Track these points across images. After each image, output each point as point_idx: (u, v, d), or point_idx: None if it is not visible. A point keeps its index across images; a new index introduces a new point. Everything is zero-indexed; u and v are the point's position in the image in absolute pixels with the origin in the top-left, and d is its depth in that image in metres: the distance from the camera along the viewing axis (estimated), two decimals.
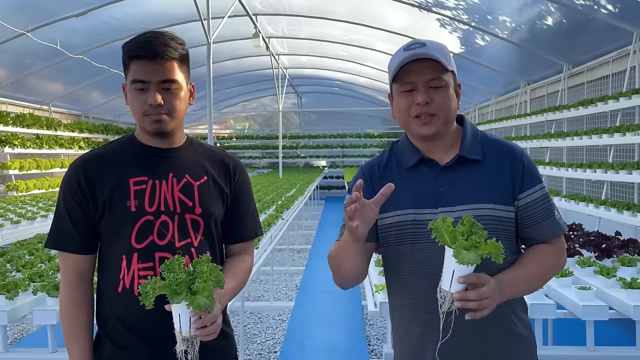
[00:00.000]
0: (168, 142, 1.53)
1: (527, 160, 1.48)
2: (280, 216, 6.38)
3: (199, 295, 1.25)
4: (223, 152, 1.66)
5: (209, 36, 7.58)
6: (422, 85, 1.41)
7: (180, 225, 1.48)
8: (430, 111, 1.42)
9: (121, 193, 1.45)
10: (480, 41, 9.90)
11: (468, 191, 1.44)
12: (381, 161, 1.58)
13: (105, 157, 1.51)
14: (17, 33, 7.97)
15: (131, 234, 1.44)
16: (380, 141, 20.52)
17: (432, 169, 1.49)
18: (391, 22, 10.69)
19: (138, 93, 1.43)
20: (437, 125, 1.44)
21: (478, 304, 1.28)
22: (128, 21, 9.31)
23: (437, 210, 1.44)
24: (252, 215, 1.66)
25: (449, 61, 1.43)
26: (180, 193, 1.49)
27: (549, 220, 1.46)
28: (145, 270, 1.43)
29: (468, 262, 1.24)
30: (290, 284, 6.61)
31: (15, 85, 10.27)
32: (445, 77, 1.42)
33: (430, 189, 1.47)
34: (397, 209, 1.49)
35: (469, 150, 1.47)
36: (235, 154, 21.46)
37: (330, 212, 14.07)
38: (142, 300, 1.22)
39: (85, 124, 13.08)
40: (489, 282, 1.31)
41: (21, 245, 4.55)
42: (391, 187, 1.33)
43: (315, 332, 4.74)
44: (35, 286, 2.94)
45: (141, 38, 1.43)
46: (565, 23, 7.59)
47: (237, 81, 17.15)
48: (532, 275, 1.45)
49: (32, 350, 2.87)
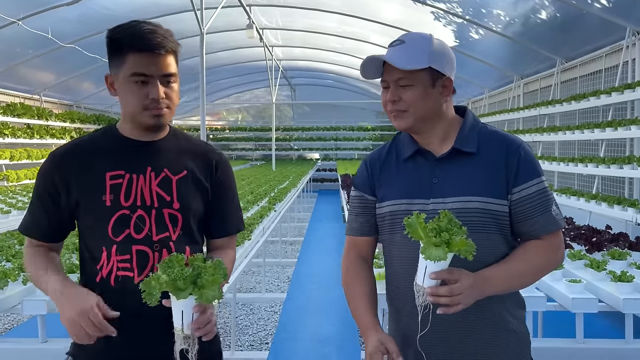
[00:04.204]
0: (153, 135, 1.51)
1: (524, 153, 1.45)
2: (272, 208, 6.38)
3: (207, 289, 1.23)
4: (207, 146, 1.64)
5: (202, 27, 7.52)
6: (392, 83, 1.45)
7: (157, 219, 1.46)
8: (399, 108, 1.45)
9: (97, 187, 1.44)
10: (474, 35, 9.90)
11: (460, 183, 1.44)
12: (382, 151, 1.61)
13: (83, 150, 1.49)
14: (8, 21, 7.87)
15: (107, 227, 1.43)
16: (373, 134, 20.52)
17: (427, 160, 1.50)
18: (385, 15, 10.66)
19: (137, 86, 1.40)
20: (408, 122, 1.46)
21: (449, 300, 1.29)
22: (119, 10, 9.22)
23: (429, 201, 1.45)
24: (234, 210, 1.65)
25: (424, 58, 1.41)
26: (158, 187, 1.48)
27: (545, 216, 1.44)
28: (123, 263, 1.43)
29: (435, 258, 1.25)
30: (282, 276, 6.61)
31: (6, 75, 10.15)
32: (413, 76, 1.42)
33: (424, 180, 1.48)
34: (391, 199, 1.51)
35: (464, 142, 1.47)
36: (228, 145, 21.56)
37: (323, 205, 14.08)
38: (146, 298, 1.20)
39: (76, 114, 12.97)
40: (463, 278, 1.31)
41: (11, 235, 4.53)
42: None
43: (307, 323, 4.76)
44: (25, 276, 2.92)
45: (138, 29, 1.39)
46: (559, 17, 7.60)
47: (230, 72, 17.07)
48: (517, 271, 1.43)
49: (22, 341, 2.87)
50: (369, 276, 1.61)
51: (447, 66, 1.46)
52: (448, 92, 1.47)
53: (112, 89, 1.46)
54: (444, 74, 1.44)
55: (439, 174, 1.47)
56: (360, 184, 1.61)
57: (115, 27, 1.42)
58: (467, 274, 1.33)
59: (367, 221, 1.60)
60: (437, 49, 1.44)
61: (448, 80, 1.46)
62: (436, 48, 1.44)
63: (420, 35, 1.46)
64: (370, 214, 1.59)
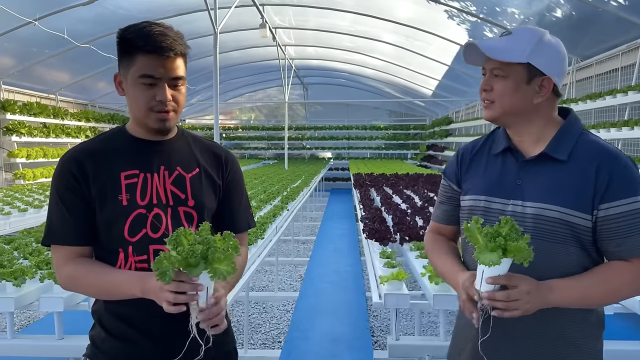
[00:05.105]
0: (161, 135, 1.51)
1: (620, 170, 1.35)
2: (285, 207, 6.39)
3: (219, 264, 1.23)
4: (214, 144, 1.65)
5: (216, 26, 7.55)
6: (488, 71, 1.46)
7: (173, 217, 1.47)
8: (488, 97, 1.46)
9: (112, 187, 1.44)
10: (489, 33, 9.83)
11: (542, 189, 1.40)
12: (477, 144, 1.60)
13: (95, 151, 1.48)
14: (25, 22, 7.97)
15: (124, 227, 1.43)
16: (386, 133, 20.48)
17: (516, 160, 1.47)
18: (398, 14, 10.63)
19: (145, 87, 1.40)
20: (493, 113, 1.46)
21: (505, 305, 1.28)
22: (134, 10, 9.30)
23: (509, 201, 1.44)
24: (244, 206, 1.65)
25: (524, 53, 1.38)
26: (172, 186, 1.48)
27: (634, 238, 1.34)
28: (141, 263, 1.43)
29: (488, 263, 1.25)
30: (295, 275, 6.63)
31: (23, 74, 10.28)
32: (508, 69, 1.40)
33: (508, 180, 1.46)
34: (473, 193, 1.52)
35: (555, 148, 1.42)
36: (240, 144, 21.64)
37: (336, 204, 14.08)
38: (159, 277, 1.21)
39: (91, 113, 13.11)
40: (522, 284, 1.29)
41: (28, 233, 4.58)
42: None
43: (319, 322, 4.76)
44: (42, 274, 2.96)
45: (149, 31, 1.39)
46: (575, 15, 7.52)
47: (243, 72, 17.12)
48: (593, 288, 1.36)
49: (39, 337, 2.90)
50: (449, 245, 1.64)
51: (552, 67, 1.41)
52: (545, 93, 1.42)
53: (120, 88, 1.46)
54: (544, 73, 1.40)
55: (524, 176, 1.44)
56: (449, 173, 1.63)
57: (126, 28, 1.42)
58: (527, 280, 1.31)
59: (450, 210, 1.62)
60: (544, 47, 1.40)
61: (548, 81, 1.41)
62: (543, 46, 1.40)
63: (530, 30, 1.43)
64: (454, 204, 1.61)
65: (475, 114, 14.38)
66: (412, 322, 4.71)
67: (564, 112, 1.51)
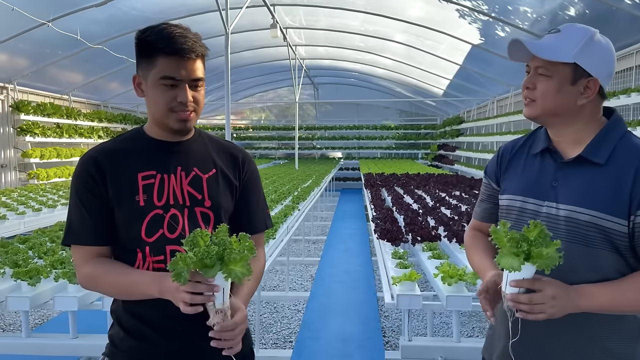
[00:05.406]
0: (179, 136, 1.52)
1: None
2: (296, 207, 6.40)
3: (235, 265, 1.23)
4: (231, 144, 1.65)
5: (227, 26, 7.58)
6: (532, 69, 1.43)
7: (190, 218, 1.47)
8: (530, 96, 1.43)
9: (130, 188, 1.45)
10: (500, 32, 9.77)
11: (577, 192, 1.38)
12: (517, 143, 1.59)
13: (113, 152, 1.49)
14: (38, 23, 8.06)
15: (141, 228, 1.44)
16: (396, 133, 20.43)
17: (554, 161, 1.45)
18: (410, 13, 10.59)
19: (166, 89, 1.40)
20: (534, 111, 1.43)
21: (529, 307, 1.28)
22: (147, 11, 9.37)
23: (543, 203, 1.43)
24: (261, 207, 1.66)
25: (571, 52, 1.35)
26: (189, 186, 1.49)
27: None
28: (157, 264, 1.44)
29: (508, 267, 1.26)
30: (306, 275, 6.63)
31: (36, 75, 10.39)
32: (553, 68, 1.37)
33: (545, 181, 1.45)
34: (510, 193, 1.51)
35: (593, 151, 1.38)
36: (251, 144, 21.74)
37: (346, 204, 14.07)
38: (175, 279, 1.21)
39: (104, 113, 13.22)
40: (547, 288, 1.28)
41: (42, 233, 4.62)
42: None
43: (330, 322, 4.76)
44: (57, 273, 2.99)
45: (169, 32, 1.39)
46: (588, 14, 7.44)
47: (254, 72, 17.18)
48: (625, 296, 1.33)
49: (54, 336, 2.94)
50: (487, 242, 1.62)
51: (600, 68, 1.37)
52: (590, 94, 1.38)
53: (139, 89, 1.47)
54: (590, 74, 1.37)
55: (560, 178, 1.42)
56: (489, 171, 1.63)
57: (145, 29, 1.43)
58: (553, 285, 1.29)
59: (490, 209, 1.63)
60: (593, 47, 1.37)
61: (594, 82, 1.37)
62: (592, 46, 1.37)
63: (579, 29, 1.40)
64: (494, 203, 1.61)
65: (487, 113, 14.29)
66: (423, 322, 4.70)
67: (608, 112, 1.47)
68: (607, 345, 1.39)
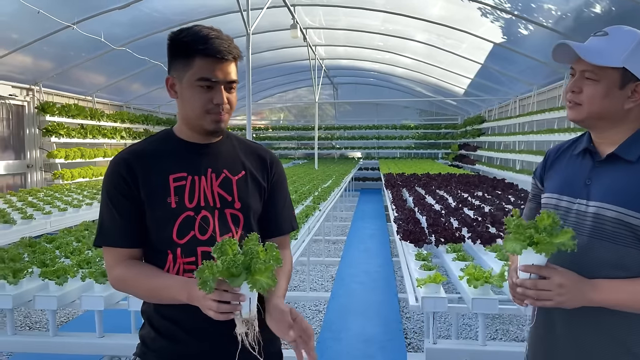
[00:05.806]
0: (210, 138, 1.53)
1: None
2: (317, 207, 6.40)
3: (260, 276, 1.23)
4: (258, 146, 1.66)
5: (248, 27, 7.61)
6: (578, 73, 1.42)
7: (221, 219, 1.48)
8: (576, 100, 1.42)
9: (161, 190, 1.45)
10: (523, 30, 9.63)
11: (606, 189, 1.39)
12: (564, 145, 1.61)
13: (144, 153, 1.50)
14: (63, 25, 8.19)
15: (172, 230, 1.44)
16: (416, 132, 20.30)
17: (592, 160, 1.46)
18: (430, 12, 10.51)
19: (202, 90, 1.41)
20: (579, 115, 1.43)
21: (534, 293, 1.32)
22: (168, 13, 9.45)
23: (575, 200, 1.45)
24: (288, 208, 1.66)
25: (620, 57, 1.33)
26: (219, 188, 1.50)
27: None
28: (189, 265, 1.45)
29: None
30: (326, 275, 6.63)
31: (61, 77, 10.57)
32: (600, 72, 1.35)
33: (580, 179, 1.47)
34: (548, 192, 1.55)
35: (626, 148, 1.39)
36: (270, 144, 21.84)
37: (366, 204, 14.03)
38: (201, 287, 1.21)
39: (126, 114, 13.39)
40: (555, 276, 1.31)
41: (68, 232, 4.69)
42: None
43: (351, 323, 4.75)
44: (84, 272, 3.03)
45: (206, 34, 1.40)
46: (614, 11, 7.29)
47: (274, 72, 17.22)
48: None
49: (81, 335, 2.97)
50: None
51: None
52: (638, 98, 1.37)
53: (173, 91, 1.47)
54: (639, 79, 1.35)
55: (594, 176, 1.44)
56: (537, 172, 1.66)
57: (179, 31, 1.43)
58: (563, 274, 1.32)
59: (535, 208, 1.65)
60: None
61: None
62: None
63: (628, 32, 1.38)
64: (537, 202, 1.64)
65: (509, 112, 14.10)
66: (446, 324, 4.66)
67: None
68: (631, 348, 1.37)
